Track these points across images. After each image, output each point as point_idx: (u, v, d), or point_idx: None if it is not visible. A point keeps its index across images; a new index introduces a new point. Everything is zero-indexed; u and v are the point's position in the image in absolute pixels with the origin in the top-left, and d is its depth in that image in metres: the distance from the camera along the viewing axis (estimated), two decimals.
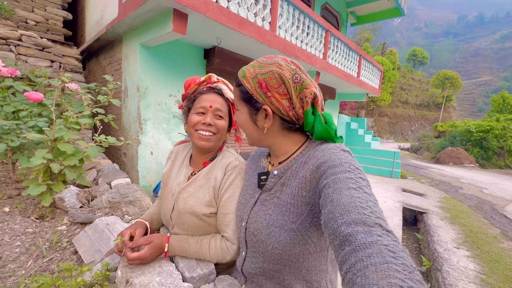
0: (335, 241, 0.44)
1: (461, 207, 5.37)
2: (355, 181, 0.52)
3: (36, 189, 1.29)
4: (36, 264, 0.92)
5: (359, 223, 0.42)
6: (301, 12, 4.30)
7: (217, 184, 0.85)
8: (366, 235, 0.40)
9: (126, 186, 1.40)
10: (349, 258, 0.39)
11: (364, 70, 6.98)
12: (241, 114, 0.72)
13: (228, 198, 0.83)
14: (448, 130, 17.54)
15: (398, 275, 0.34)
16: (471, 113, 61.81)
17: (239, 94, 0.70)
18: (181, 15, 2.66)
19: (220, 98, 0.89)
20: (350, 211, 0.45)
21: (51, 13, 4.68)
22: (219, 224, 0.84)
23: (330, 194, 0.51)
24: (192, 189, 0.87)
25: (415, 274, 0.35)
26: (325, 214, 0.49)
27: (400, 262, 0.36)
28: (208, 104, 0.86)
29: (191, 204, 0.84)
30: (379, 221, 0.43)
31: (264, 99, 0.65)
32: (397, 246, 0.39)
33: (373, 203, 0.47)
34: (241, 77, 0.69)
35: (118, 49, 3.84)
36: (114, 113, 3.98)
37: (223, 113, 0.88)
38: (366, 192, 0.50)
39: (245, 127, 0.73)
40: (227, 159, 0.90)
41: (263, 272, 0.70)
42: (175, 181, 0.92)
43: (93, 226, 1.01)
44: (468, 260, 3.05)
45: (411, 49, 50.31)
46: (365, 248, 0.38)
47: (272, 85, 0.64)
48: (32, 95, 1.48)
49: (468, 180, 9.04)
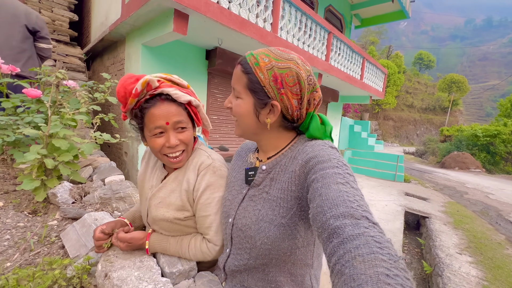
0: (323, 234, 0.45)
1: (465, 212, 5.26)
2: (343, 176, 0.53)
3: (30, 184, 1.30)
4: (22, 258, 0.92)
5: (347, 216, 0.44)
6: (303, 14, 4.30)
7: (190, 187, 0.78)
8: (353, 227, 0.41)
9: (119, 183, 1.40)
10: (337, 250, 0.40)
11: (367, 73, 6.94)
12: (243, 104, 0.67)
13: (205, 200, 0.78)
14: (454, 135, 17.28)
15: (384, 264, 0.35)
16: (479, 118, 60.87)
17: (246, 82, 0.65)
18: (182, 15, 2.69)
19: (173, 106, 0.74)
20: (338, 204, 0.46)
21: (57, 14, 4.77)
22: (200, 227, 0.80)
23: (318, 189, 0.52)
24: (162, 194, 0.81)
25: (400, 263, 0.36)
26: (314, 208, 0.50)
27: (386, 252, 0.37)
28: (163, 121, 0.72)
29: (163, 211, 0.79)
30: (365, 214, 0.44)
31: (276, 94, 0.63)
32: (382, 237, 0.40)
33: (360, 197, 0.49)
34: (252, 64, 0.64)
35: (121, 50, 3.89)
36: (115, 112, 4.02)
37: (184, 122, 0.76)
38: (353, 187, 0.51)
39: (244, 117, 0.68)
40: (199, 158, 0.82)
41: (246, 268, 0.70)
42: (147, 184, 0.87)
43: (81, 221, 1.01)
44: (471, 266, 2.97)
45: (417, 53, 49.85)
46: (352, 240, 0.39)
47: (288, 82, 0.62)
48: (30, 91, 1.51)
49: (473, 185, 8.87)
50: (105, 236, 0.78)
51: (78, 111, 1.62)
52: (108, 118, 1.87)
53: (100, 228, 0.79)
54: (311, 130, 0.67)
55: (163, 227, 0.81)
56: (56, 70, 1.37)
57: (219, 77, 4.37)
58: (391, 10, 8.14)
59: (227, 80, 4.50)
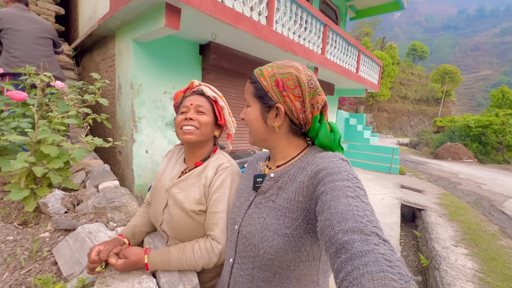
0: (331, 249, 0.44)
1: (459, 204, 5.36)
2: (353, 190, 0.51)
3: (18, 194, 1.23)
4: (12, 277, 0.87)
5: (356, 231, 0.42)
6: (298, 6, 4.20)
7: (207, 182, 0.87)
8: (362, 243, 0.40)
9: (114, 190, 1.34)
10: (345, 266, 0.39)
11: (363, 66, 6.89)
12: (252, 111, 0.73)
13: (218, 198, 0.84)
14: (447, 125, 17.50)
15: (394, 284, 0.33)
16: (470, 108, 61.75)
17: (253, 90, 0.72)
18: (174, 9, 2.57)
19: (201, 97, 0.93)
20: (347, 219, 0.45)
21: (42, 8, 4.55)
22: (208, 222, 0.84)
23: (327, 201, 0.50)
24: (183, 185, 0.89)
25: (411, 283, 0.35)
26: (322, 221, 0.49)
27: (396, 271, 0.35)
28: (189, 103, 0.91)
29: (181, 200, 0.85)
30: (376, 230, 0.43)
31: (279, 97, 0.68)
32: (393, 255, 0.39)
33: (370, 212, 0.47)
34: (257, 75, 0.71)
35: (111, 45, 3.74)
36: (108, 111, 3.91)
37: (205, 109, 0.91)
38: (364, 201, 0.50)
39: (253, 123, 0.73)
40: (219, 160, 0.92)
41: (251, 280, 0.67)
42: (168, 176, 0.95)
43: (75, 235, 0.95)
44: (466, 258, 3.03)
45: (411, 44, 49.88)
46: (361, 257, 0.38)
47: (289, 85, 0.67)
48: (15, 94, 1.42)
49: (466, 175, 9.03)
50: (100, 261, 0.73)
51: (67, 114, 1.54)
52: (100, 119, 1.79)
53: (96, 250, 0.75)
54: (320, 137, 0.68)
55: (175, 217, 0.85)
56: (41, 71, 1.28)
57: (213, 72, 4.27)
58: (386, 1, 8.04)
59: (222, 76, 4.41)
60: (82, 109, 1.60)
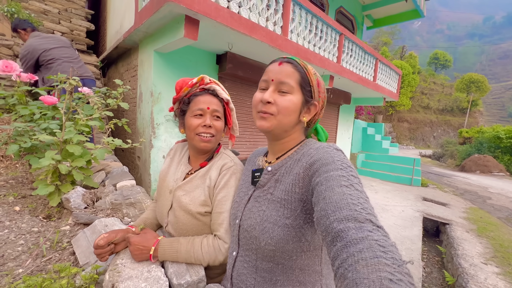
0: (327, 238, 0.45)
1: (489, 219, 4.97)
2: (347, 179, 0.53)
3: (45, 189, 1.33)
4: (34, 264, 0.93)
5: (350, 219, 0.43)
6: (313, 16, 4.26)
7: (212, 183, 0.86)
8: (357, 230, 0.41)
9: (130, 188, 1.41)
10: (340, 253, 0.40)
11: (380, 74, 6.77)
12: (295, 100, 0.70)
13: (222, 198, 0.84)
14: (474, 136, 16.50)
15: (387, 268, 0.34)
16: (500, 118, 57.92)
17: (299, 78, 0.70)
18: (193, 21, 2.71)
19: (215, 99, 0.90)
20: (341, 208, 0.46)
21: (75, 24, 4.98)
22: (213, 223, 0.84)
23: (322, 192, 0.52)
24: (188, 188, 0.88)
25: (404, 267, 0.36)
26: (318, 211, 0.50)
27: (390, 256, 0.36)
28: (205, 105, 0.87)
29: (186, 202, 0.85)
30: (369, 217, 0.44)
31: (317, 96, 0.72)
32: (387, 240, 0.40)
33: (364, 200, 0.48)
34: (304, 66, 0.71)
35: (135, 56, 3.99)
36: (129, 117, 4.11)
37: (220, 113, 0.90)
38: (358, 189, 0.51)
39: (290, 113, 0.70)
40: (223, 160, 0.91)
41: (255, 271, 0.68)
42: (172, 177, 0.94)
43: (92, 227, 1.01)
44: (498, 277, 2.78)
45: (433, 52, 48.28)
46: (356, 244, 0.39)
47: (322, 89, 0.74)
48: (46, 98, 1.55)
49: (497, 189, 8.39)
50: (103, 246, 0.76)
51: (91, 117, 1.65)
52: (121, 123, 1.90)
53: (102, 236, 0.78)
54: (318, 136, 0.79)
55: (180, 219, 0.85)
56: (70, 77, 1.40)
57: (229, 81, 4.39)
58: (404, 9, 7.93)
59: (238, 84, 4.51)
60: (105, 113, 1.71)
